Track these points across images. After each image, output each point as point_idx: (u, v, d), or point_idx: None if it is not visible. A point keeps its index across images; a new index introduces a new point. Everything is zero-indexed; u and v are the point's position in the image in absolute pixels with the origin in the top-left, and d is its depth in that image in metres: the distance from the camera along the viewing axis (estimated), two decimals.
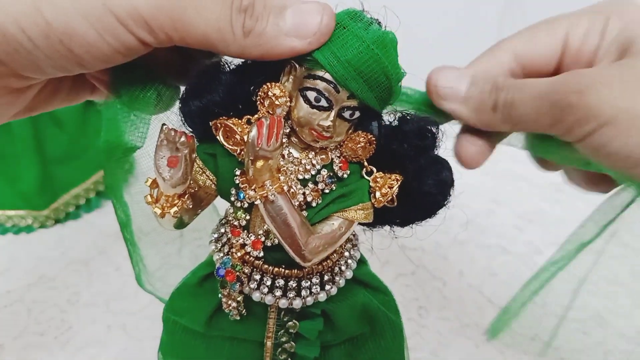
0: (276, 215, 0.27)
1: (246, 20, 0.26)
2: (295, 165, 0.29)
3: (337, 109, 0.28)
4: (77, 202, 0.70)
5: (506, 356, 0.53)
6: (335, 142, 0.29)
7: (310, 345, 0.32)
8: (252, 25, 0.26)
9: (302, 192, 0.29)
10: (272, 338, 0.32)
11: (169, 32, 0.25)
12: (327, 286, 0.31)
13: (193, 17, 0.25)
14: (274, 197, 0.27)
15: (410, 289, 0.60)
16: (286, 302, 0.30)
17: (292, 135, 0.30)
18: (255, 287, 0.30)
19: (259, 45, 0.26)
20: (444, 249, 0.66)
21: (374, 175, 0.30)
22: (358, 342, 0.34)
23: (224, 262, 0.30)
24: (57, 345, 0.51)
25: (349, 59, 0.26)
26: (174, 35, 0.25)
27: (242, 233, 0.30)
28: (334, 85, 0.27)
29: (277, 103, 0.28)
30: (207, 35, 0.26)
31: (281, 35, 0.26)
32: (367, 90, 0.27)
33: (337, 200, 0.30)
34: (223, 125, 0.28)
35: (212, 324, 0.33)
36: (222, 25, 0.25)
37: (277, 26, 0.26)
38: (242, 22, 0.26)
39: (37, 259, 0.62)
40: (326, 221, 0.30)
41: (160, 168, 0.26)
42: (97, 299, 0.57)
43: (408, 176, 0.30)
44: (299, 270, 0.31)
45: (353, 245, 0.34)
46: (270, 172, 0.27)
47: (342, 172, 0.30)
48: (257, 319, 0.32)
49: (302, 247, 0.28)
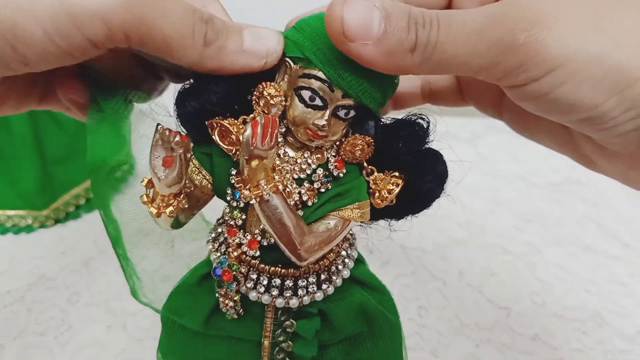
0: (271, 215, 0.27)
1: (208, 31, 0.26)
2: (290, 164, 0.29)
3: (332, 108, 0.28)
4: (77, 202, 0.70)
5: (506, 356, 0.53)
6: (331, 141, 0.29)
7: (308, 344, 0.32)
8: (213, 37, 0.26)
9: (298, 191, 0.29)
10: (269, 337, 0.32)
11: (129, 31, 0.24)
12: (323, 285, 0.31)
13: (157, 18, 0.25)
14: (269, 196, 0.27)
15: (410, 289, 0.60)
16: (283, 301, 0.30)
17: (288, 134, 0.30)
18: (251, 286, 0.30)
19: (218, 57, 0.27)
20: (443, 249, 0.66)
21: (375, 175, 0.30)
22: (356, 341, 0.34)
23: (220, 261, 0.30)
24: (57, 345, 0.51)
25: (343, 57, 0.26)
26: (133, 35, 0.25)
27: (239, 232, 0.30)
28: (328, 84, 0.27)
29: (272, 102, 0.28)
30: (167, 38, 0.25)
31: (240, 52, 0.27)
32: (361, 89, 0.27)
33: (332, 200, 0.30)
34: (219, 125, 0.28)
35: (210, 323, 0.33)
36: (184, 31, 0.25)
37: (237, 43, 0.27)
38: (205, 32, 0.26)
39: (37, 259, 0.62)
40: (322, 220, 0.30)
41: (156, 168, 0.26)
42: (97, 299, 0.57)
43: (406, 174, 0.30)
44: (295, 270, 0.31)
45: (350, 245, 0.34)
46: (266, 171, 0.27)
47: (338, 171, 0.30)
48: (255, 319, 0.32)
49: (298, 246, 0.28)
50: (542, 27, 0.23)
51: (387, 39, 0.24)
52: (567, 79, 0.23)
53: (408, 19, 0.24)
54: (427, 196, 0.31)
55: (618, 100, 0.24)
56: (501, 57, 0.24)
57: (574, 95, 0.24)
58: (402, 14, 0.24)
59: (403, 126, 0.30)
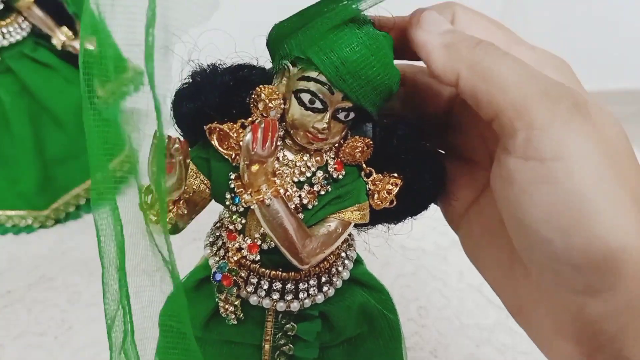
0: (272, 219, 0.27)
1: None
2: (290, 167, 0.29)
3: (331, 110, 0.27)
4: (77, 202, 0.70)
5: (506, 356, 0.53)
6: (330, 143, 0.29)
7: (309, 347, 0.32)
8: None
9: (298, 194, 0.29)
10: (270, 341, 0.32)
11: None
12: (324, 287, 0.31)
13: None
14: (270, 200, 0.27)
15: (410, 289, 0.60)
16: (284, 305, 0.30)
17: (287, 137, 0.29)
18: (252, 290, 0.30)
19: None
20: (443, 249, 0.66)
21: (373, 177, 0.30)
22: (356, 342, 0.34)
23: (220, 266, 0.29)
24: (57, 345, 0.51)
25: (343, 60, 0.26)
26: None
27: (239, 237, 0.30)
28: (328, 87, 0.27)
29: (271, 106, 0.27)
30: None
31: None
32: (362, 92, 0.27)
33: (333, 202, 0.30)
34: (217, 130, 0.28)
35: (209, 327, 0.33)
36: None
37: None
38: None
39: (37, 259, 0.62)
40: (323, 223, 0.30)
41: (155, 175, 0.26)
42: (97, 299, 0.57)
43: (405, 175, 0.30)
44: (296, 273, 0.31)
45: (349, 246, 0.34)
46: (266, 175, 0.27)
47: (337, 174, 0.30)
48: (255, 323, 0.32)
49: (300, 250, 0.28)
50: (584, 117, 0.22)
51: (449, 37, 0.26)
52: (563, 179, 0.22)
53: (472, 37, 0.26)
54: (426, 196, 0.31)
55: (581, 243, 0.22)
56: (536, 107, 0.23)
57: (550, 203, 0.22)
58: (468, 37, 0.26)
59: (401, 127, 0.30)
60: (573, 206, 0.21)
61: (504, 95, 0.23)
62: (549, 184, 0.22)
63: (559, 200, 0.22)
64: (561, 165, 0.22)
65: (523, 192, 0.23)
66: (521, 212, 0.24)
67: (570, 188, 0.22)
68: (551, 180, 0.22)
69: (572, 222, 0.22)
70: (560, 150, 0.22)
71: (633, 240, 0.21)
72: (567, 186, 0.22)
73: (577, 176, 0.21)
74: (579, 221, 0.21)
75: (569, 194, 0.22)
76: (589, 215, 0.21)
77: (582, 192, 0.21)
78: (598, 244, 0.21)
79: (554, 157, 0.22)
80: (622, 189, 0.22)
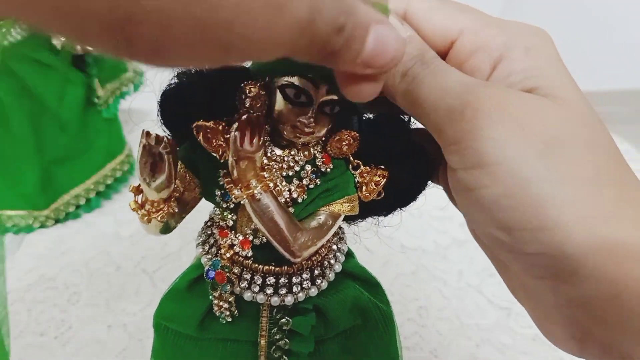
0: (263, 213, 0.27)
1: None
2: (278, 162, 0.29)
3: (317, 104, 0.28)
4: (77, 202, 0.70)
5: (506, 356, 0.53)
6: (317, 137, 0.29)
7: (304, 341, 0.32)
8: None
9: (288, 189, 0.29)
10: (265, 336, 0.32)
11: None
12: (317, 280, 0.31)
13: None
14: (260, 195, 0.27)
15: (410, 289, 0.60)
16: (278, 299, 0.30)
17: (274, 133, 0.30)
18: (246, 286, 0.30)
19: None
20: (443, 249, 0.66)
21: (361, 169, 0.30)
22: (351, 334, 0.34)
23: (213, 263, 0.30)
24: (57, 345, 0.51)
25: None
26: None
27: (230, 234, 0.30)
28: (313, 81, 0.27)
29: (257, 102, 0.28)
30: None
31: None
32: None
33: (322, 195, 0.30)
34: (204, 127, 0.28)
35: (204, 326, 0.33)
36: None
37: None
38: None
39: (37, 259, 0.63)
40: (313, 216, 0.30)
41: (144, 173, 0.26)
42: (97, 299, 0.57)
43: (392, 167, 0.30)
44: (289, 267, 0.31)
45: (340, 238, 0.34)
46: (255, 170, 0.27)
47: (325, 167, 0.30)
48: (250, 319, 0.32)
49: (291, 243, 0.28)
50: (491, 119, 0.22)
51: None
52: (490, 184, 0.22)
53: (418, 52, 0.25)
54: (413, 187, 0.31)
55: (529, 235, 0.22)
56: (448, 125, 0.23)
57: (493, 203, 0.23)
58: (419, 47, 0.25)
59: (386, 119, 0.30)
60: (514, 202, 0.22)
61: (427, 118, 0.25)
62: (485, 187, 0.23)
63: (499, 199, 0.22)
64: (486, 171, 0.22)
65: (466, 199, 0.25)
66: (473, 213, 0.25)
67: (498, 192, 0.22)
68: (481, 185, 0.23)
69: (517, 215, 0.22)
70: (481, 159, 0.22)
71: (592, 227, 0.21)
72: (498, 191, 0.22)
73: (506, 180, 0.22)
74: (523, 213, 0.22)
75: (504, 195, 0.22)
76: (533, 205, 0.22)
77: (515, 190, 0.22)
78: (544, 235, 0.21)
79: (477, 166, 0.23)
80: (562, 174, 0.22)
